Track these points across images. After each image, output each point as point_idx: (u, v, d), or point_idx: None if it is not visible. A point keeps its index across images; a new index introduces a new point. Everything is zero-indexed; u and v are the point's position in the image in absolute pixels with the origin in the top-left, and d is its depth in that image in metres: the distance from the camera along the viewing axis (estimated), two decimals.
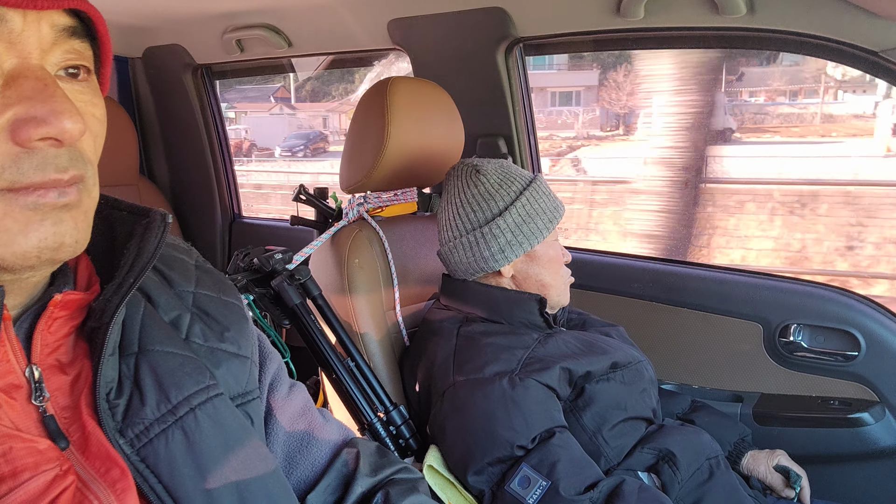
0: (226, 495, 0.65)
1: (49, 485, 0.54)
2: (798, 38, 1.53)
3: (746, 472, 1.47)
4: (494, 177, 1.40)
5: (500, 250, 1.38)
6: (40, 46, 0.53)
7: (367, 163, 1.52)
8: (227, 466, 0.66)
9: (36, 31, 0.52)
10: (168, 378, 0.65)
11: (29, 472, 0.54)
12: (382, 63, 2.46)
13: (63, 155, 0.53)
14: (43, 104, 0.50)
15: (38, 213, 0.52)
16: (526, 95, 1.98)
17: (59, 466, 0.56)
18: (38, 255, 0.52)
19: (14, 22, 0.51)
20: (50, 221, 0.52)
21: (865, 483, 1.60)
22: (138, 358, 0.65)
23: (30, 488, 0.53)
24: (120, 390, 0.63)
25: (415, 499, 0.84)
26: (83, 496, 0.56)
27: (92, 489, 0.57)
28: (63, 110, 0.51)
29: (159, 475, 0.61)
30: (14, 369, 0.57)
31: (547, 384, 1.25)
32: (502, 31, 1.80)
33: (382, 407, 1.38)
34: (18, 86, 0.51)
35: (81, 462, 0.58)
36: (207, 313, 0.75)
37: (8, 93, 0.51)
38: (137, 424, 0.61)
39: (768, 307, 1.71)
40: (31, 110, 0.50)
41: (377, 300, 1.52)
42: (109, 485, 0.58)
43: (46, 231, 0.52)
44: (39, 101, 0.50)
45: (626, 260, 1.98)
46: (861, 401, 1.61)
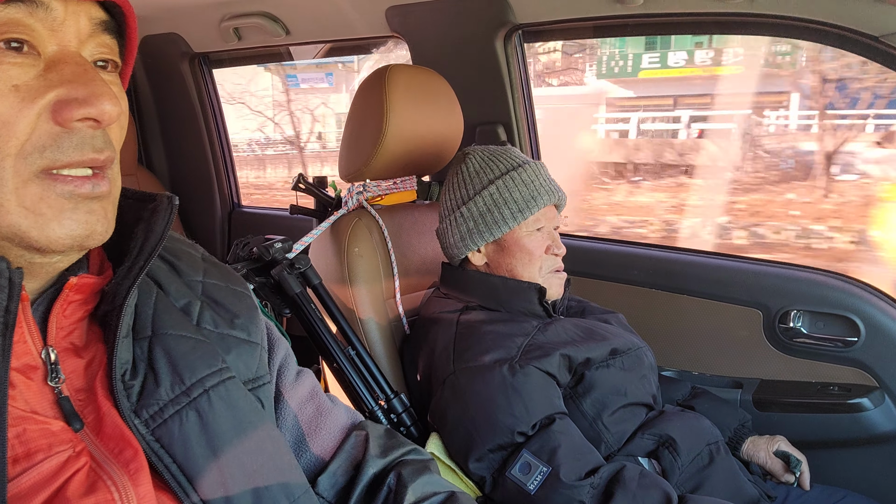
0: (237, 475, 0.66)
1: (62, 465, 0.56)
2: (798, 24, 1.52)
3: (746, 457, 1.48)
4: (475, 163, 1.41)
5: (461, 238, 1.41)
6: (78, 37, 0.56)
7: (366, 151, 1.52)
8: (240, 447, 0.68)
9: (75, 22, 0.55)
10: (181, 361, 0.66)
11: (43, 453, 0.55)
12: (381, 51, 2.45)
13: (99, 136, 0.56)
14: (84, 86, 0.53)
15: (72, 202, 0.54)
16: (525, 83, 1.97)
17: (72, 448, 0.57)
18: (70, 242, 0.55)
19: (57, 11, 0.54)
20: (82, 211, 0.55)
21: (865, 468, 1.60)
22: (152, 341, 0.66)
23: (43, 469, 0.54)
24: (135, 372, 0.64)
25: (427, 478, 0.85)
26: (97, 476, 0.57)
27: (105, 469, 0.58)
28: (102, 93, 0.54)
29: (173, 455, 0.62)
30: (31, 350, 0.58)
31: (547, 371, 1.25)
32: (501, 17, 1.79)
33: (383, 395, 1.38)
34: (60, 70, 0.53)
35: (95, 443, 0.59)
36: (217, 301, 0.76)
37: (50, 76, 0.53)
38: (152, 405, 0.63)
39: (768, 293, 1.71)
40: (72, 92, 0.53)
41: (377, 289, 1.52)
42: (122, 465, 0.59)
43: (79, 220, 0.55)
44: (80, 83, 0.53)
45: (626, 247, 1.98)
46: (860, 386, 1.61)
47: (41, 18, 0.53)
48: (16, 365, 0.56)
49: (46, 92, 0.53)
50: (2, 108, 0.51)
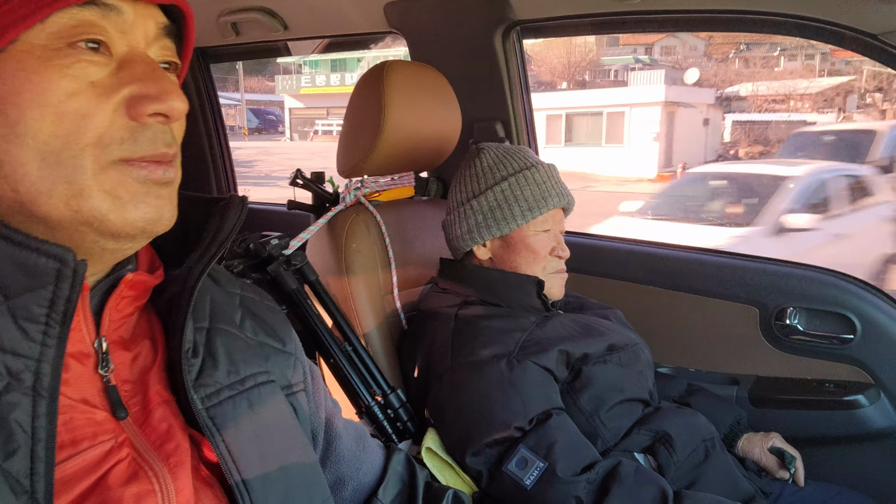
0: (275, 470, 0.70)
1: (106, 454, 0.58)
2: (797, 22, 1.52)
3: (742, 454, 1.49)
4: (489, 159, 1.43)
5: (468, 230, 1.42)
6: (146, 39, 0.60)
7: (364, 147, 1.51)
8: (279, 445, 0.73)
9: (143, 25, 0.59)
10: (237, 354, 0.72)
11: (88, 441, 0.58)
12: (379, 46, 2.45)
13: (168, 132, 0.60)
14: (154, 84, 0.57)
15: (145, 187, 0.58)
16: (523, 79, 1.97)
17: (114, 438, 0.60)
18: (143, 225, 0.58)
19: (127, 14, 0.58)
20: (153, 196, 0.59)
21: (860, 465, 1.61)
22: (210, 331, 0.71)
23: (87, 457, 0.57)
24: (195, 353, 0.68)
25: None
26: (138, 466, 0.60)
27: (147, 460, 0.61)
28: (171, 90, 0.58)
29: (224, 435, 0.66)
30: (84, 339, 0.61)
31: (544, 366, 1.26)
32: (500, 13, 1.79)
33: (380, 390, 1.38)
34: (131, 69, 0.57)
35: (137, 435, 0.62)
36: (254, 313, 0.81)
37: (122, 74, 0.57)
38: (210, 386, 0.67)
39: (765, 291, 1.71)
40: (143, 89, 0.57)
41: (374, 284, 1.52)
42: (163, 458, 0.62)
43: (151, 204, 0.58)
44: (151, 81, 0.57)
45: (624, 244, 1.98)
46: (856, 383, 1.62)
47: (113, 21, 0.57)
48: (70, 350, 0.59)
49: (120, 88, 0.56)
50: (81, 101, 0.54)
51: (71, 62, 0.54)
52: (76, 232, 0.57)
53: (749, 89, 28.92)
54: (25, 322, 0.54)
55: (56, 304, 0.55)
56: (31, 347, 0.54)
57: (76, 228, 0.56)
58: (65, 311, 0.55)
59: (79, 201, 0.55)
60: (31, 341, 0.54)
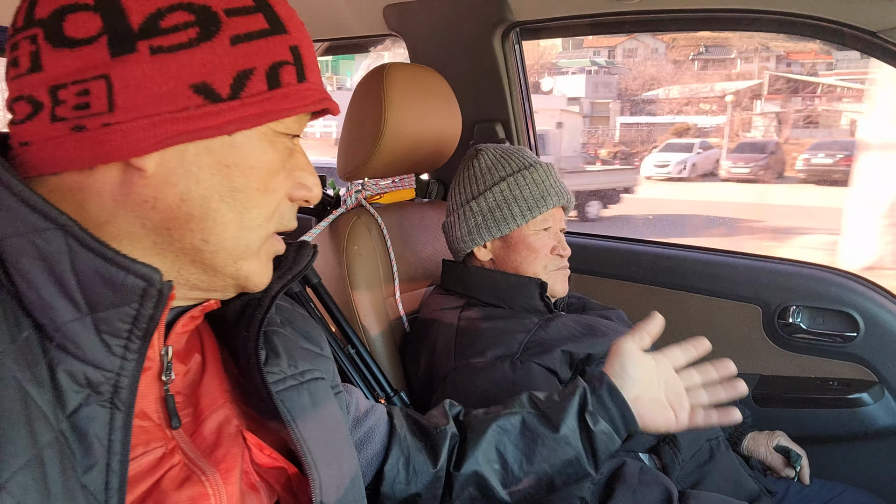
0: (335, 462, 0.75)
1: (158, 461, 0.61)
2: (796, 20, 1.52)
3: (747, 453, 1.48)
4: (487, 160, 1.43)
5: (468, 232, 1.42)
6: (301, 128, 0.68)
7: (364, 150, 1.51)
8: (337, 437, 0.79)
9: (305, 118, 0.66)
10: (293, 351, 0.78)
11: (142, 447, 0.60)
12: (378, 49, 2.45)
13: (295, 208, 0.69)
14: (311, 176, 0.67)
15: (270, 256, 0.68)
16: (523, 80, 1.97)
17: (164, 446, 0.63)
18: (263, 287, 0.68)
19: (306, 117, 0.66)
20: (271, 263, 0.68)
21: (865, 462, 1.61)
22: (267, 332, 0.76)
23: (143, 462, 0.60)
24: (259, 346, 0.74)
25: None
26: (190, 471, 0.63)
27: (198, 465, 0.64)
28: (317, 182, 0.68)
29: (294, 418, 0.71)
30: (154, 345, 0.63)
31: (548, 367, 1.26)
32: (498, 15, 1.79)
33: (383, 393, 1.38)
34: (297, 157, 0.66)
35: (187, 443, 0.65)
36: (290, 320, 0.84)
37: (292, 161, 0.66)
38: (276, 374, 0.72)
39: (767, 289, 1.71)
40: (305, 179, 0.67)
41: (376, 287, 1.52)
42: (214, 464, 0.65)
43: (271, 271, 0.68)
44: (309, 172, 0.67)
45: (626, 244, 1.98)
46: (860, 381, 1.61)
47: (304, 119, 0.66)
48: None
49: (293, 173, 0.66)
50: (278, 182, 0.64)
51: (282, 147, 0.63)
52: (221, 280, 0.65)
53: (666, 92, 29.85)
54: (108, 336, 0.56)
55: (139, 321, 0.57)
56: (112, 361, 0.56)
57: (223, 279, 0.64)
58: (146, 328, 0.58)
59: (244, 262, 0.64)
60: (113, 355, 0.56)
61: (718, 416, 1.01)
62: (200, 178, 0.58)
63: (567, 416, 0.98)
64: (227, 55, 0.57)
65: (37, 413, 0.51)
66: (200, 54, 0.56)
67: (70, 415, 0.54)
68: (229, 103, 0.57)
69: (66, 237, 0.54)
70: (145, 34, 0.54)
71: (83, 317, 0.55)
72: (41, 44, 0.55)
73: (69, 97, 0.54)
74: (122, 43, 0.54)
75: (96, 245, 0.55)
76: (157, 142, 0.55)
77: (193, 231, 0.59)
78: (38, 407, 0.51)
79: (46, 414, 0.51)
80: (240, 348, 0.71)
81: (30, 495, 0.48)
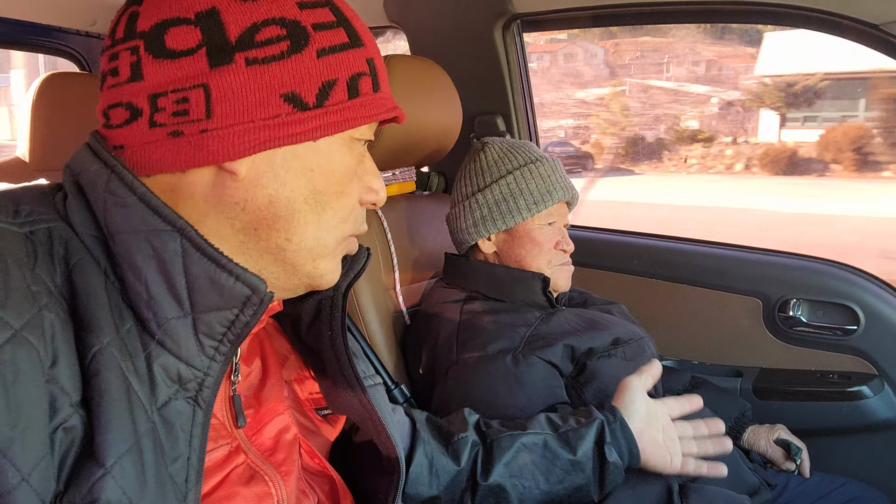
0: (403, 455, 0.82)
1: (226, 458, 0.65)
2: (798, 12, 1.51)
3: (747, 446, 1.49)
4: (493, 153, 1.43)
5: (473, 224, 1.42)
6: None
7: None
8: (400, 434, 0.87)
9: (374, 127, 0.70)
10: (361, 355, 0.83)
11: (211, 443, 0.63)
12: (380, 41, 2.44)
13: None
14: (377, 180, 0.70)
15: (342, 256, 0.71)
16: (524, 73, 1.96)
17: (230, 444, 0.66)
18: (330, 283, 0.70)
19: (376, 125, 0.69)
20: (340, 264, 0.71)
21: (865, 455, 1.61)
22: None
23: (213, 457, 0.64)
24: None
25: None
26: (254, 472, 0.67)
27: (262, 467, 0.67)
28: (383, 186, 0.71)
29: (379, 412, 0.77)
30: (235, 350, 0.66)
31: (550, 361, 1.26)
32: (500, 7, 1.78)
33: (384, 386, 1.38)
34: (366, 163, 0.70)
35: (248, 444, 0.68)
36: None
37: (363, 166, 0.69)
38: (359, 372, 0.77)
39: (767, 282, 1.71)
40: (373, 183, 0.70)
41: (377, 280, 1.52)
42: (275, 466, 0.69)
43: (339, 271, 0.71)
44: (376, 177, 0.70)
45: (627, 237, 1.98)
46: (860, 374, 1.61)
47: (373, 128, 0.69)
48: None
49: (362, 178, 0.69)
50: (352, 186, 0.67)
51: (357, 153, 0.67)
52: (297, 278, 0.67)
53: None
54: (204, 336, 0.59)
55: (235, 326, 0.60)
56: (203, 361, 0.60)
57: (300, 277, 0.67)
58: (240, 333, 0.61)
59: (320, 261, 0.67)
60: (204, 355, 0.60)
61: (707, 468, 1.10)
62: (287, 181, 0.62)
63: (584, 442, 1.04)
64: (314, 67, 0.61)
65: (136, 402, 0.54)
66: (291, 66, 0.60)
67: (161, 407, 0.57)
68: (315, 111, 0.61)
69: (182, 240, 0.57)
70: (241, 46, 0.58)
71: (185, 316, 0.58)
72: (142, 55, 0.58)
73: (168, 104, 0.58)
74: (221, 54, 0.58)
75: (211, 250, 0.58)
76: (250, 147, 0.59)
77: (279, 231, 0.63)
78: (137, 396, 0.54)
79: (144, 404, 0.55)
80: (324, 347, 0.76)
81: (129, 480, 0.51)
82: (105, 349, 0.53)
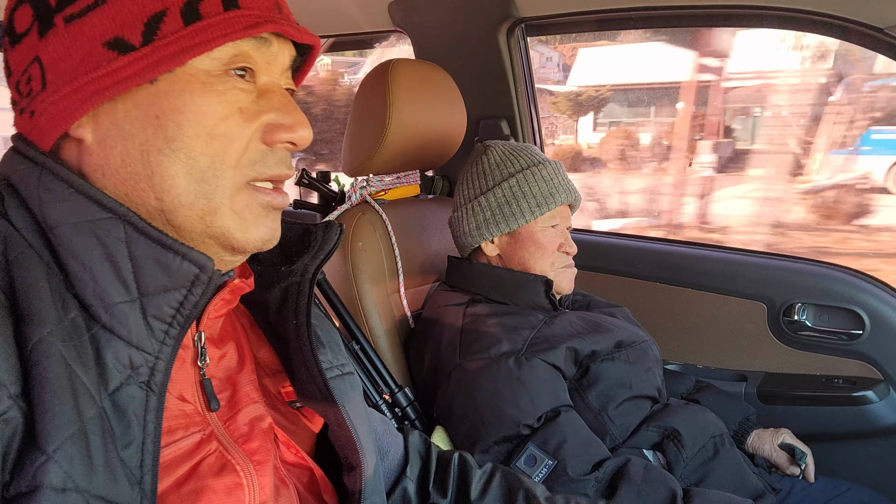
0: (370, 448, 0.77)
1: (196, 446, 0.63)
2: (803, 16, 1.51)
3: (751, 450, 1.48)
4: (496, 156, 1.43)
5: (476, 227, 1.42)
6: (281, 69, 0.65)
7: (369, 146, 1.51)
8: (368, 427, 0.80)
9: (282, 58, 0.64)
10: (332, 343, 0.80)
11: (181, 431, 0.62)
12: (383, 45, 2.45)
13: (289, 156, 0.66)
14: (289, 115, 0.63)
15: (265, 211, 0.64)
16: (528, 77, 1.97)
17: (202, 431, 0.64)
18: (260, 244, 0.64)
19: (273, 46, 0.63)
20: (271, 219, 0.64)
21: (870, 460, 1.60)
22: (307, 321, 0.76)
23: (182, 446, 0.62)
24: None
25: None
26: (225, 460, 0.64)
27: (233, 454, 0.65)
28: (303, 122, 0.64)
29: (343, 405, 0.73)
30: (187, 333, 0.64)
31: (553, 364, 1.26)
32: (504, 11, 1.79)
33: (388, 389, 1.38)
34: (269, 98, 0.63)
35: (222, 430, 0.66)
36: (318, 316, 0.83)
37: (262, 102, 0.62)
38: (324, 362, 0.74)
39: (772, 287, 1.71)
40: (281, 118, 0.62)
41: (381, 283, 1.52)
42: (248, 454, 0.66)
43: (269, 226, 0.64)
44: (286, 111, 0.63)
45: (631, 241, 1.98)
46: (865, 379, 1.61)
47: (263, 53, 0.62)
48: None
49: (261, 115, 0.62)
50: (230, 125, 0.60)
51: (226, 89, 0.60)
52: (202, 243, 0.62)
53: None
54: (153, 319, 0.58)
55: (184, 307, 0.59)
56: (153, 344, 0.58)
57: (202, 240, 0.62)
58: (189, 314, 0.59)
59: (212, 217, 0.60)
60: (154, 339, 0.58)
61: None
62: (134, 134, 0.57)
63: None
64: (134, 4, 0.56)
65: (81, 389, 0.53)
66: (109, 10, 0.56)
67: (112, 393, 0.56)
68: (141, 51, 0.56)
69: (126, 225, 0.57)
70: (60, 6, 0.56)
71: (133, 300, 0.57)
72: (6, 47, 0.59)
73: (23, 87, 0.58)
74: (46, 22, 0.56)
75: (155, 233, 0.57)
76: (77, 108, 0.56)
77: (146, 190, 0.58)
78: (82, 383, 0.53)
79: (90, 390, 0.54)
80: (290, 336, 0.73)
81: (75, 465, 0.50)
82: (45, 339, 0.52)
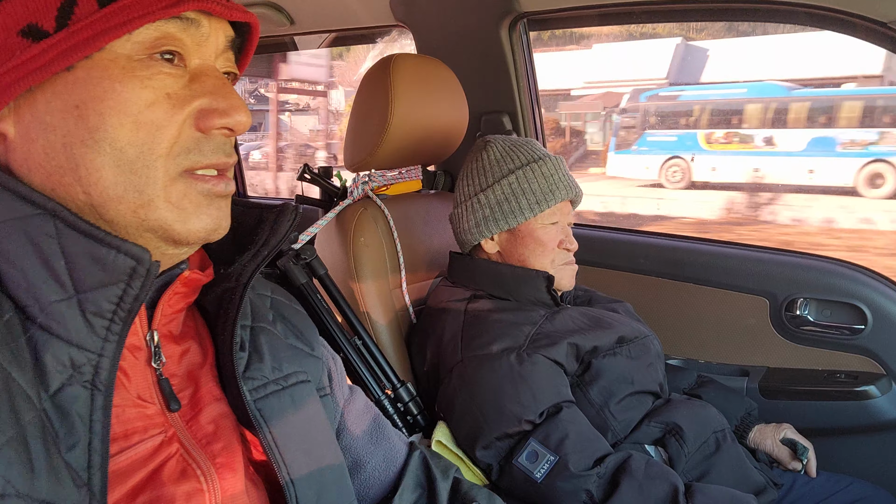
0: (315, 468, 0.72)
1: (156, 449, 0.60)
2: (806, 10, 1.50)
3: (753, 445, 1.48)
4: (496, 152, 1.42)
5: (476, 224, 1.42)
6: (216, 51, 0.62)
7: (371, 141, 1.51)
8: (319, 442, 0.75)
9: (215, 39, 0.61)
10: (280, 352, 0.75)
11: (139, 435, 0.60)
12: (385, 40, 2.44)
13: (228, 143, 0.62)
14: (224, 99, 0.60)
15: (207, 199, 0.60)
16: (530, 72, 1.96)
17: (164, 433, 0.61)
18: (204, 235, 0.61)
19: (204, 28, 0.60)
20: (214, 207, 0.61)
21: (872, 455, 1.60)
22: (254, 329, 0.74)
23: (140, 450, 0.59)
24: (242, 347, 0.71)
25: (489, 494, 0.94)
26: (186, 464, 0.62)
27: (194, 457, 0.62)
28: (239, 105, 0.60)
29: (271, 428, 0.68)
30: (138, 332, 0.63)
31: (554, 359, 1.26)
32: (506, 6, 1.78)
33: (390, 384, 1.38)
34: (202, 81, 0.60)
35: (184, 431, 0.64)
36: (284, 316, 0.82)
37: (194, 86, 0.59)
38: (257, 379, 0.70)
39: (774, 281, 1.70)
40: (214, 103, 0.59)
41: (383, 278, 1.52)
42: (210, 457, 0.64)
43: (212, 215, 0.61)
44: (221, 96, 0.60)
45: (633, 236, 1.98)
46: (867, 374, 1.61)
47: (191, 34, 0.59)
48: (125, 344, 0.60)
49: (192, 101, 0.58)
50: (157, 112, 0.56)
51: (151, 73, 0.56)
52: (140, 237, 0.59)
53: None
54: (93, 316, 0.55)
55: (124, 302, 0.56)
56: (95, 342, 0.56)
57: (140, 234, 0.59)
58: (130, 308, 0.57)
59: (146, 210, 0.57)
60: (96, 336, 0.56)
61: None
62: (55, 126, 0.55)
63: None
64: None
65: (18, 392, 0.51)
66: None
67: (53, 394, 0.54)
68: (55, 37, 0.53)
69: (56, 221, 0.55)
70: None
71: (69, 297, 0.55)
72: None
73: None
74: None
75: (86, 227, 0.55)
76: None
77: (73, 184, 0.56)
78: (19, 386, 0.51)
79: (28, 393, 0.52)
80: (221, 347, 0.70)
81: (14, 470, 0.48)
82: None
